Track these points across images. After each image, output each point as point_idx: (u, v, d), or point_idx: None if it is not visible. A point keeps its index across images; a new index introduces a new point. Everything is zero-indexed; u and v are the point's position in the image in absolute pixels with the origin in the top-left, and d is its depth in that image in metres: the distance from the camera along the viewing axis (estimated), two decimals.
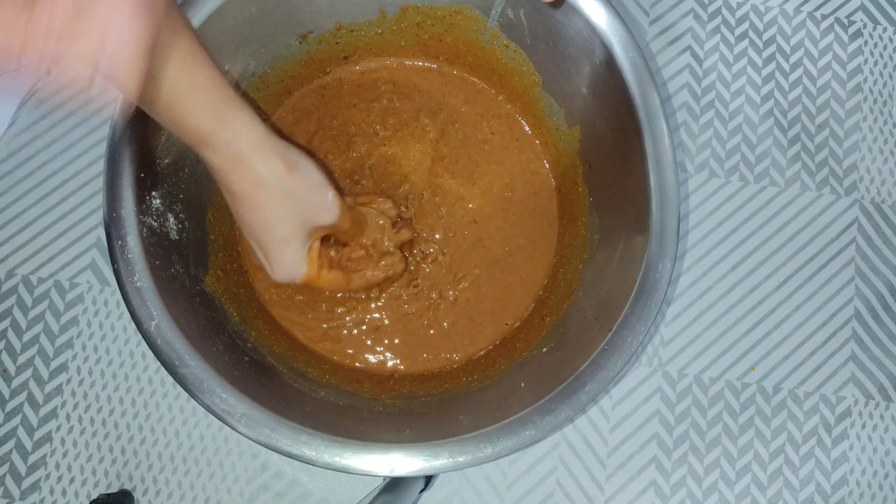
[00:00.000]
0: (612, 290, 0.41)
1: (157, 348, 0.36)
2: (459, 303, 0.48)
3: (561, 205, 0.50)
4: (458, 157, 0.51)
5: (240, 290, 0.46)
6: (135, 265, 0.37)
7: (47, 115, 0.52)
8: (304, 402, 0.40)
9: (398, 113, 0.51)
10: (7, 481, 0.46)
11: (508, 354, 0.46)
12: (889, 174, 0.56)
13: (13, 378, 0.48)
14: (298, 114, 0.50)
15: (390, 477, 0.41)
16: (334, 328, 0.47)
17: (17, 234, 0.50)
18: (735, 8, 0.58)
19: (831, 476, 0.50)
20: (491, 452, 0.36)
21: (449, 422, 0.39)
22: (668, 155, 0.40)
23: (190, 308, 0.39)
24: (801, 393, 0.51)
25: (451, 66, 0.52)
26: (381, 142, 0.50)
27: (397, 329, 0.47)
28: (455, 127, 0.51)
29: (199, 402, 0.36)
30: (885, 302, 0.53)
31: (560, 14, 0.43)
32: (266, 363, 0.42)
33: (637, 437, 0.49)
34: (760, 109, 0.56)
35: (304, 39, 0.48)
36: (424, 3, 0.47)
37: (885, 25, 0.59)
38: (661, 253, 0.39)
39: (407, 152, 0.50)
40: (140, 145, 0.39)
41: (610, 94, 0.43)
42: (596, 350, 0.38)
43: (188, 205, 0.43)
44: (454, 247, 0.49)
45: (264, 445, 0.35)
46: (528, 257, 0.49)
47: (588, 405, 0.39)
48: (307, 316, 0.47)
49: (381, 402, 0.43)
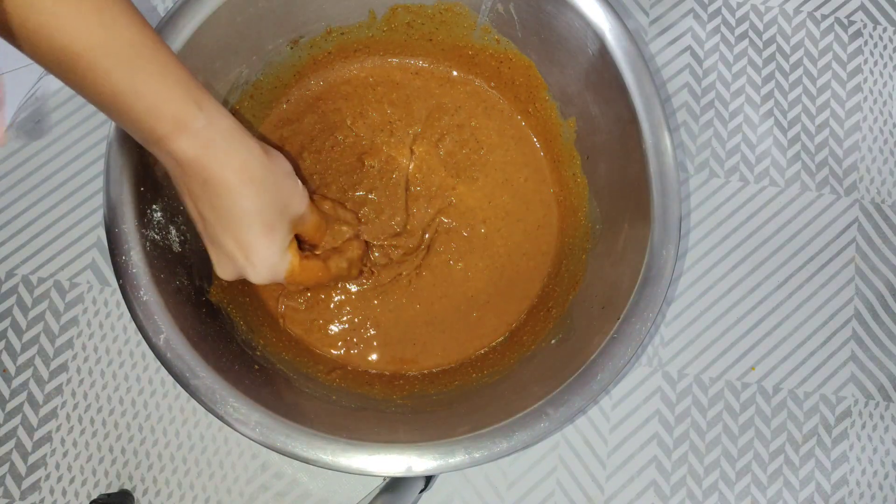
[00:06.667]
0: (617, 278, 0.41)
1: (168, 361, 0.36)
2: (464, 299, 0.48)
3: (560, 196, 0.50)
4: (455, 154, 0.51)
5: (245, 298, 0.46)
6: (140, 279, 0.37)
7: (47, 115, 0.52)
8: (317, 407, 0.40)
9: (393, 113, 0.51)
10: (7, 481, 0.46)
11: (517, 348, 0.46)
12: (889, 174, 0.56)
13: (13, 378, 0.48)
14: (290, 117, 0.50)
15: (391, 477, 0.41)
16: (340, 331, 0.47)
17: (17, 234, 0.50)
18: (735, 8, 0.58)
19: (831, 476, 0.50)
20: (507, 447, 0.36)
21: (462, 418, 0.39)
22: (667, 142, 0.41)
23: (197, 320, 0.39)
24: (801, 393, 0.51)
25: (443, 64, 0.52)
26: (378, 142, 0.50)
27: (403, 329, 0.47)
28: (450, 124, 0.51)
29: (214, 413, 0.36)
30: (885, 302, 0.53)
31: (550, 6, 0.43)
32: (276, 370, 0.42)
33: (637, 437, 0.49)
34: (760, 109, 0.56)
35: (296, 44, 0.47)
36: (414, 2, 0.47)
37: (885, 25, 0.59)
38: (665, 239, 0.39)
39: (401, 150, 0.50)
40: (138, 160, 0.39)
41: (605, 83, 0.43)
42: (605, 339, 0.38)
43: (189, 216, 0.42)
44: (456, 243, 0.49)
45: (280, 452, 0.35)
46: (531, 250, 0.49)
47: (600, 394, 0.39)
48: (313, 320, 0.47)
49: (393, 403, 0.43)
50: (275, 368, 0.42)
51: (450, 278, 0.48)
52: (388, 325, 0.47)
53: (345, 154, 0.50)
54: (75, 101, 0.53)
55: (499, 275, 0.49)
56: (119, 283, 0.37)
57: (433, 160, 0.50)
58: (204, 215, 0.35)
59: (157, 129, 0.32)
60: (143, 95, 0.31)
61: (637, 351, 0.38)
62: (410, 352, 0.47)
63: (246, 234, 0.35)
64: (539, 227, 0.50)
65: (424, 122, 0.51)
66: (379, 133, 0.50)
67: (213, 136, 0.32)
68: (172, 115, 0.31)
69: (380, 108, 0.51)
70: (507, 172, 0.51)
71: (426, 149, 0.50)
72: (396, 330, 0.47)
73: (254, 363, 0.41)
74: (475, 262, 0.49)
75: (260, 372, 0.40)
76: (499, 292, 0.49)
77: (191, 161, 0.32)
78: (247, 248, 0.35)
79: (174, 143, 0.32)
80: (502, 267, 0.49)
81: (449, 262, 0.49)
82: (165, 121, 0.31)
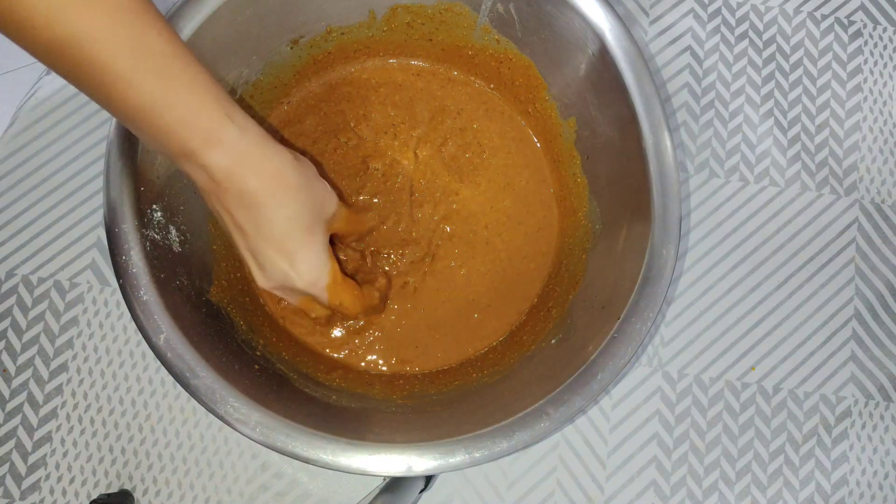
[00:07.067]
0: (617, 278, 0.41)
1: (168, 361, 0.36)
2: (466, 303, 0.48)
3: (560, 196, 0.50)
4: (459, 158, 0.51)
5: (245, 298, 0.46)
6: (140, 279, 0.37)
7: (47, 115, 0.52)
8: (317, 407, 0.40)
9: (396, 116, 0.51)
10: (7, 481, 0.46)
11: (517, 348, 0.46)
12: (889, 174, 0.56)
13: (13, 378, 0.48)
14: (292, 119, 0.50)
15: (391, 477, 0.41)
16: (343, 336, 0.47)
17: (17, 234, 0.50)
18: (735, 8, 0.58)
19: (831, 476, 0.50)
20: (507, 447, 0.36)
21: (463, 418, 0.39)
22: (667, 142, 0.41)
23: (197, 319, 0.39)
24: (801, 393, 0.51)
25: (443, 65, 0.52)
26: (378, 144, 0.50)
27: (406, 333, 0.47)
28: (453, 127, 0.51)
29: (214, 412, 0.35)
30: (885, 302, 0.53)
31: (550, 6, 0.43)
32: (276, 370, 0.42)
33: (637, 437, 0.49)
34: (760, 109, 0.56)
35: (296, 44, 0.47)
36: (414, 2, 0.47)
37: (885, 25, 0.59)
38: (665, 239, 0.39)
39: (404, 153, 0.50)
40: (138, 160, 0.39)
41: (604, 83, 0.43)
42: (605, 338, 0.38)
43: (189, 216, 0.42)
44: (459, 249, 0.49)
45: (280, 452, 0.35)
46: (532, 252, 0.49)
47: (600, 394, 0.39)
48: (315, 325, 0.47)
49: (393, 403, 0.43)
50: (275, 368, 0.42)
51: (452, 283, 0.48)
52: (392, 330, 0.47)
53: (348, 157, 0.50)
54: (75, 101, 0.53)
55: (500, 278, 0.49)
56: (119, 283, 0.37)
57: (437, 164, 0.50)
58: (243, 227, 0.34)
59: (190, 142, 0.31)
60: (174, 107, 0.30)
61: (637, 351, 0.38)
62: (412, 354, 0.47)
63: (288, 241, 0.35)
64: (539, 229, 0.50)
65: (428, 125, 0.51)
66: (382, 136, 0.50)
67: (246, 147, 0.32)
68: (205, 126, 0.31)
69: (383, 110, 0.51)
70: (509, 175, 0.51)
71: (430, 153, 0.50)
72: (399, 334, 0.47)
73: (254, 363, 0.41)
74: (477, 266, 0.49)
75: (260, 372, 0.40)
76: (499, 295, 0.49)
77: (225, 173, 0.32)
78: (291, 255, 0.35)
79: (207, 156, 0.31)
80: (503, 270, 0.49)
81: (452, 268, 0.49)
82: (198, 133, 0.31)
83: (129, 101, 0.29)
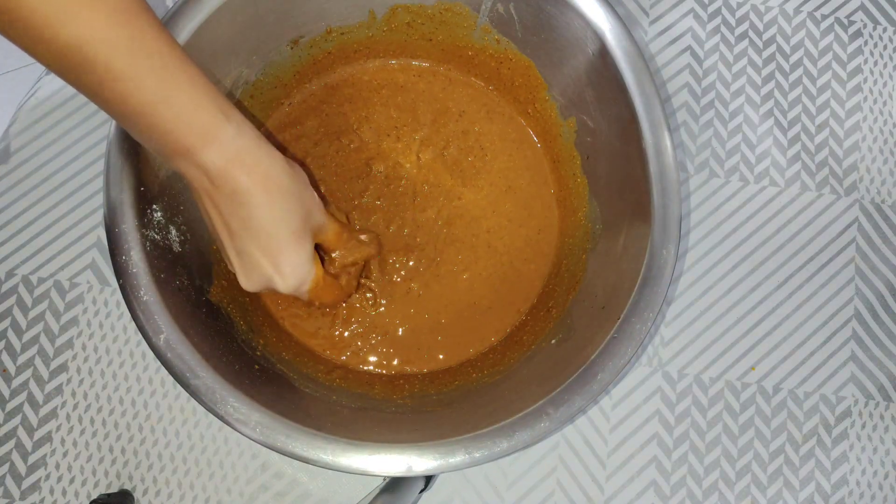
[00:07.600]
0: (617, 278, 0.41)
1: (168, 361, 0.36)
2: (467, 306, 0.48)
3: (561, 196, 0.50)
4: (461, 162, 0.51)
5: (245, 298, 0.46)
6: (140, 279, 0.37)
7: (47, 115, 0.52)
8: (317, 407, 0.40)
9: (399, 118, 0.51)
10: (7, 481, 0.46)
11: (517, 348, 0.46)
12: (889, 174, 0.56)
13: (13, 378, 0.48)
14: (293, 120, 0.50)
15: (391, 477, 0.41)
16: (340, 332, 0.47)
17: (17, 234, 0.50)
18: (735, 8, 0.58)
19: (831, 476, 0.50)
20: (507, 447, 0.36)
21: (463, 418, 0.39)
22: (667, 142, 0.41)
23: (197, 320, 0.39)
24: (801, 393, 0.51)
25: (444, 65, 0.52)
26: (381, 146, 0.50)
27: (403, 329, 0.47)
28: (456, 130, 0.51)
29: (214, 413, 0.36)
30: (885, 302, 0.53)
31: (550, 6, 0.43)
32: (276, 370, 0.42)
33: (637, 437, 0.49)
34: (760, 109, 0.56)
35: (296, 44, 0.47)
36: (414, 2, 0.47)
37: (885, 25, 0.59)
38: (665, 239, 0.39)
39: (407, 156, 0.50)
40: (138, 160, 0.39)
41: (604, 83, 0.43)
42: (605, 339, 0.38)
43: (189, 216, 0.42)
44: (462, 254, 0.49)
45: (280, 452, 0.35)
46: (532, 254, 0.50)
47: (600, 394, 0.39)
48: (312, 321, 0.47)
49: (394, 403, 0.43)
50: (275, 368, 0.42)
51: (455, 287, 0.48)
52: (394, 334, 0.47)
53: (350, 159, 0.50)
54: (75, 101, 0.53)
55: (500, 280, 0.49)
56: (119, 283, 0.37)
57: (439, 167, 0.50)
58: (230, 226, 0.35)
59: (186, 141, 0.31)
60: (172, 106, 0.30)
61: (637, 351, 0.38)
62: (415, 356, 0.47)
63: (274, 243, 0.35)
64: (540, 230, 0.50)
65: (430, 127, 0.51)
66: (385, 138, 0.50)
67: (241, 147, 0.32)
68: (202, 125, 0.31)
69: (385, 111, 0.51)
70: (510, 178, 0.51)
71: (432, 156, 0.50)
72: (402, 337, 0.47)
73: (254, 363, 0.41)
74: (479, 270, 0.49)
75: (260, 372, 0.40)
76: (500, 296, 0.49)
77: (220, 172, 0.32)
78: (275, 257, 0.35)
79: (203, 155, 0.32)
80: (504, 272, 0.49)
81: (454, 272, 0.49)
82: (195, 131, 0.31)
83: (129, 101, 0.30)
